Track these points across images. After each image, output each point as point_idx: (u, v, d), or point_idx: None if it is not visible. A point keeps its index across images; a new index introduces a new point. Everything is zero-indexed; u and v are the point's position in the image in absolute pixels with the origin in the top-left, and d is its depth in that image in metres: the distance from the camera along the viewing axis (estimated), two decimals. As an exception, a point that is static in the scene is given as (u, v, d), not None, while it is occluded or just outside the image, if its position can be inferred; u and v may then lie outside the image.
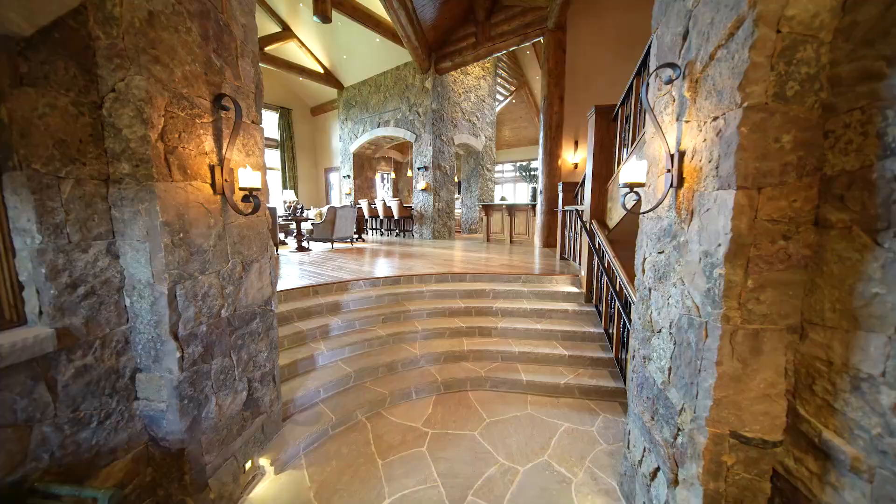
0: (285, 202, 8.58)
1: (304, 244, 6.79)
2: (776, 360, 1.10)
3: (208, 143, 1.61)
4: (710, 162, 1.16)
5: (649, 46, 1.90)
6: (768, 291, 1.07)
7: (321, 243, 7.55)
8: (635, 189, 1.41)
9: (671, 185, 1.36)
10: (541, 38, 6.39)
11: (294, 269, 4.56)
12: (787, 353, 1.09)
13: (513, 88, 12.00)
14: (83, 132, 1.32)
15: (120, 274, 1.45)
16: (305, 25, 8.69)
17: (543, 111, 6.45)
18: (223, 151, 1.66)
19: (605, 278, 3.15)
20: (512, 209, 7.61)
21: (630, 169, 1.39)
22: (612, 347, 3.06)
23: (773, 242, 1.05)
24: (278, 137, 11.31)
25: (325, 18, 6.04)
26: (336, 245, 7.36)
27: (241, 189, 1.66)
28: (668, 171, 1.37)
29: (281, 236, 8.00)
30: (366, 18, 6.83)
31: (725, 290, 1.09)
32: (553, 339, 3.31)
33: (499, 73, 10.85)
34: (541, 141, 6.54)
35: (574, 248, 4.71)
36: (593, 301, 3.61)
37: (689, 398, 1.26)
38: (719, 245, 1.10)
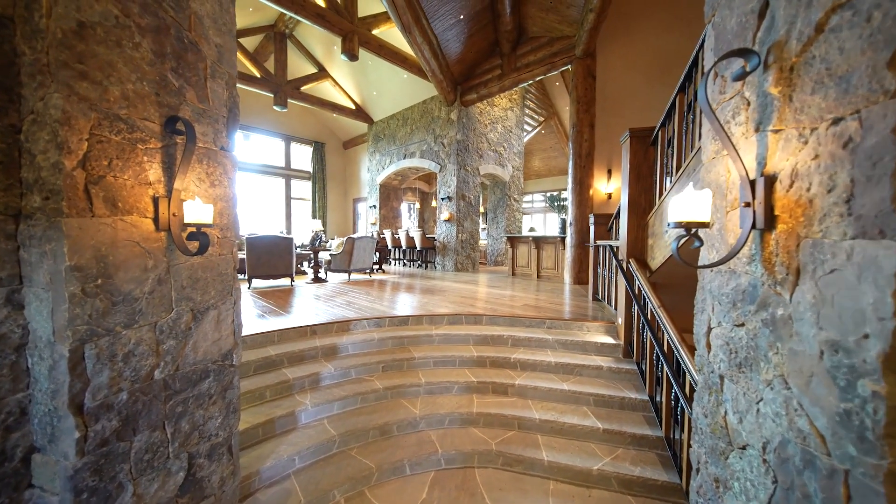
0: (312, 231, 8.68)
1: (321, 275, 6.65)
2: None
3: (153, 172, 1.37)
4: (830, 191, 0.70)
5: (702, 42, 1.49)
6: None
7: (339, 274, 7.40)
8: (694, 231, 0.96)
9: (752, 227, 0.90)
10: (569, 66, 6.15)
11: (302, 302, 4.32)
12: None
13: (542, 119, 11.83)
14: (-11, 159, 1.11)
15: (22, 329, 1.19)
16: (339, 65, 9.16)
17: (572, 139, 6.08)
18: (174, 181, 1.41)
19: (648, 331, 2.56)
20: (539, 242, 7.10)
21: (685, 202, 0.95)
22: (660, 422, 2.41)
23: None
24: (311, 170, 11.77)
25: (352, 56, 6.23)
26: (353, 276, 7.18)
27: (186, 224, 1.39)
28: (746, 204, 0.91)
29: (306, 265, 7.98)
30: (392, 55, 7.00)
31: (889, 424, 0.59)
32: (583, 405, 2.71)
33: (527, 104, 10.74)
34: (570, 170, 6.12)
35: (609, 290, 4.11)
36: (634, 357, 2.98)
37: None
38: (865, 337, 0.62)
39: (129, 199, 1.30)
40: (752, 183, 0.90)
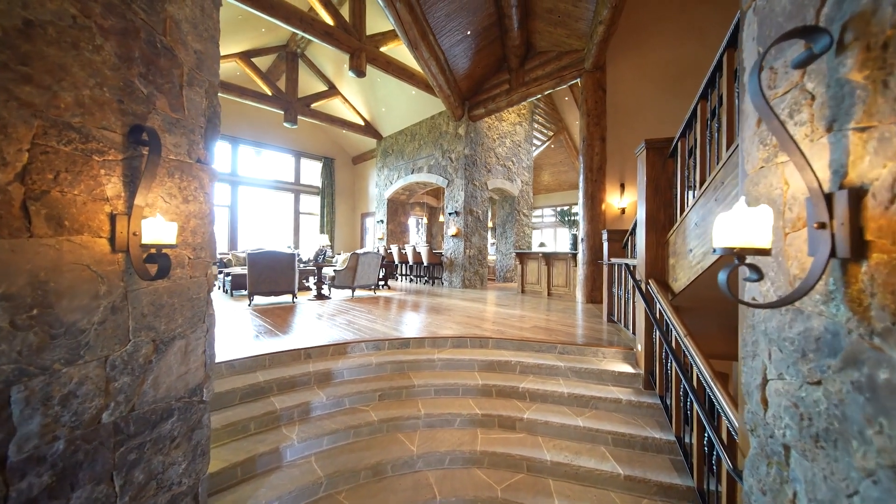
0: (319, 245, 8.62)
1: (324, 292, 6.51)
2: None
3: (112, 187, 1.23)
4: (969, 210, 0.48)
5: (728, 40, 1.28)
6: None
7: (343, 290, 7.24)
8: (748, 260, 0.75)
9: (830, 255, 0.68)
10: (578, 80, 6.04)
11: (301, 321, 4.15)
12: None
13: (551, 133, 11.74)
14: (-86, 172, 0.97)
15: (-57, 366, 1.02)
16: (348, 83, 9.29)
17: (583, 153, 5.90)
18: (135, 197, 1.27)
19: (673, 362, 2.29)
20: (550, 258, 6.85)
21: (734, 222, 0.74)
22: (690, 470, 2.11)
23: None
24: (320, 185, 11.85)
25: (360, 73, 6.25)
26: (357, 293, 7.00)
27: (143, 246, 1.23)
28: (820, 225, 0.69)
29: (311, 280, 7.86)
30: (399, 72, 7.02)
31: None
32: (600, 444, 2.41)
33: (536, 118, 10.68)
34: (580, 184, 5.91)
35: (625, 311, 3.82)
36: (656, 389, 2.69)
37: None
38: None
39: (79, 216, 1.15)
40: (829, 197, 0.68)
